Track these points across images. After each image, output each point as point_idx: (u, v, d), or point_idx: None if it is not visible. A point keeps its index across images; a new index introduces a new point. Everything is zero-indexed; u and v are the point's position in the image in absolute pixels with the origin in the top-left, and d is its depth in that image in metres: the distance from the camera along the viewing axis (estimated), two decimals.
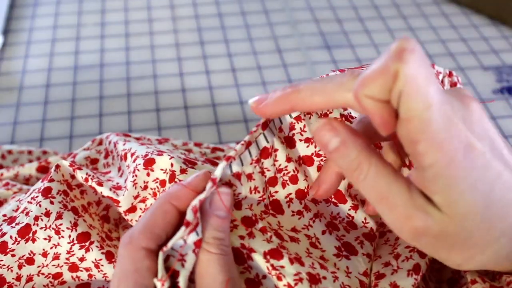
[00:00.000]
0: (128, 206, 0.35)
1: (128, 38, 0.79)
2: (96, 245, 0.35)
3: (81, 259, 0.35)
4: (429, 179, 0.23)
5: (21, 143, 0.62)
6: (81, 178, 0.36)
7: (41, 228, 0.34)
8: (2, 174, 0.49)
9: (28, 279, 0.35)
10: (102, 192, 0.35)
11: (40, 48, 0.77)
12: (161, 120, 0.65)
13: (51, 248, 0.35)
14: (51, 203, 0.35)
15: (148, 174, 0.34)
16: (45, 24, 0.81)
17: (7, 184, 0.45)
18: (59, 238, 0.34)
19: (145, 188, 0.35)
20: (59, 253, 0.35)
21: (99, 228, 0.37)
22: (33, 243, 0.34)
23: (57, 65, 0.74)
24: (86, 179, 0.35)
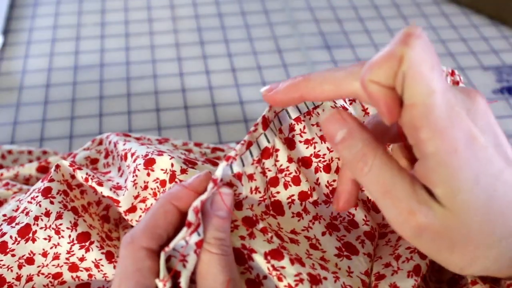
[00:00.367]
0: (128, 206, 0.35)
1: (128, 38, 0.79)
2: (96, 245, 0.35)
3: (81, 259, 0.35)
4: (431, 169, 0.23)
5: (21, 143, 0.62)
6: (81, 178, 0.36)
7: (41, 228, 0.34)
8: (2, 174, 0.48)
9: (28, 279, 0.34)
10: (102, 192, 0.35)
11: (40, 48, 0.77)
12: (161, 120, 0.65)
13: (51, 248, 0.35)
14: (51, 203, 0.35)
15: (149, 174, 0.34)
16: (45, 24, 0.81)
17: (7, 184, 0.45)
18: (59, 238, 0.34)
19: (145, 188, 0.35)
20: (59, 253, 0.35)
21: (99, 228, 0.37)
22: (33, 243, 0.34)
23: (57, 65, 0.74)
24: (86, 179, 0.35)
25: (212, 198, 0.28)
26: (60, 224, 0.34)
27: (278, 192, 0.32)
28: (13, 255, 0.34)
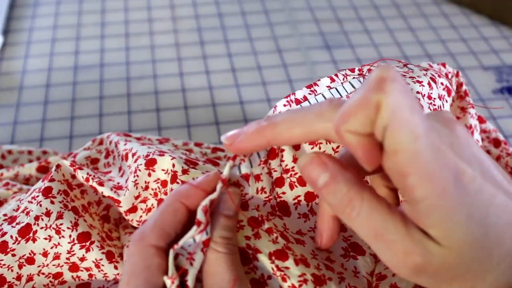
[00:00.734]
0: (129, 206, 0.35)
1: (128, 38, 0.79)
2: (97, 245, 0.35)
3: (82, 259, 0.35)
4: (423, 213, 0.22)
5: (21, 143, 0.62)
6: (82, 178, 0.36)
7: (42, 228, 0.34)
8: (2, 174, 0.48)
9: (29, 279, 0.34)
10: (103, 192, 0.35)
11: (40, 48, 0.77)
12: (161, 120, 0.65)
13: (52, 248, 0.35)
14: (52, 203, 0.35)
15: (150, 175, 0.34)
16: (45, 24, 0.81)
17: (7, 184, 0.45)
18: (60, 238, 0.34)
19: (146, 189, 0.35)
20: (60, 253, 0.35)
21: (100, 228, 0.37)
22: (34, 243, 0.34)
23: (57, 65, 0.74)
24: (87, 179, 0.35)
25: (220, 198, 0.28)
26: (61, 224, 0.34)
27: (284, 193, 0.32)
28: (14, 255, 0.34)
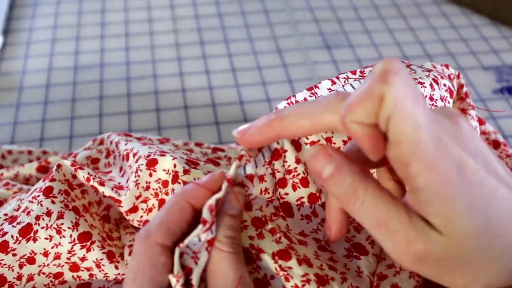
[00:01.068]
0: (130, 206, 0.35)
1: (128, 38, 0.79)
2: (97, 245, 0.35)
3: (82, 259, 0.35)
4: (425, 201, 0.22)
5: (21, 143, 0.62)
6: (83, 178, 0.36)
7: (42, 228, 0.34)
8: (2, 174, 0.48)
9: (29, 279, 0.34)
10: (104, 192, 0.35)
11: (40, 48, 0.77)
12: (161, 120, 0.65)
13: (52, 248, 0.35)
14: (53, 203, 0.35)
15: (151, 175, 0.34)
16: (45, 24, 0.81)
17: (7, 184, 0.45)
18: (60, 238, 0.34)
19: (147, 189, 0.35)
20: (60, 253, 0.35)
21: (100, 228, 0.37)
22: (34, 243, 0.34)
23: (57, 65, 0.74)
24: (88, 179, 0.35)
25: (225, 197, 0.28)
26: (61, 224, 0.34)
27: (287, 194, 0.32)
28: (14, 255, 0.34)
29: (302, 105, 0.27)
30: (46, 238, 0.34)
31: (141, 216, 0.35)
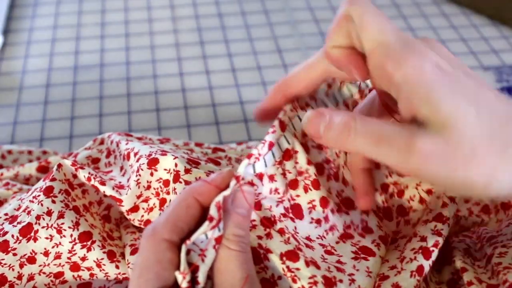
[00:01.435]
0: (131, 206, 0.35)
1: (128, 38, 0.79)
2: (98, 245, 0.35)
3: (83, 259, 0.35)
4: (409, 95, 0.23)
5: (21, 143, 0.62)
6: (84, 178, 0.36)
7: (43, 227, 0.34)
8: (2, 174, 0.48)
9: (30, 278, 0.34)
10: (105, 191, 0.35)
11: (40, 48, 0.77)
12: (161, 120, 0.65)
13: (53, 247, 0.34)
14: (53, 202, 0.35)
15: (152, 174, 0.34)
16: (45, 24, 0.81)
17: (7, 184, 0.45)
18: (61, 237, 0.34)
19: (148, 188, 0.35)
20: (61, 252, 0.35)
21: (101, 228, 0.36)
22: (35, 242, 0.34)
23: (57, 65, 0.74)
24: (89, 178, 0.35)
25: (234, 195, 0.28)
26: (62, 223, 0.34)
27: (298, 196, 0.31)
28: (15, 254, 0.34)
29: (299, 65, 0.30)
30: (47, 238, 0.34)
31: (142, 216, 0.35)
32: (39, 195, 0.35)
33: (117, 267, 0.35)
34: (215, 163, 0.37)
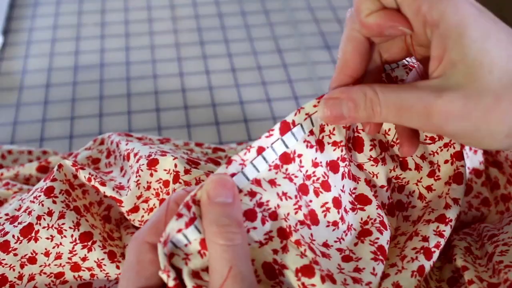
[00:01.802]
0: (131, 206, 0.35)
1: (128, 38, 0.79)
2: (99, 245, 0.35)
3: (84, 259, 0.35)
4: (442, 33, 0.23)
5: (21, 143, 0.62)
6: (84, 178, 0.36)
7: (44, 228, 0.34)
8: (2, 174, 0.48)
9: (30, 278, 0.34)
10: (105, 192, 0.35)
11: (40, 48, 0.77)
12: (161, 120, 0.65)
13: (54, 248, 0.34)
14: (54, 203, 0.35)
15: (152, 175, 0.34)
16: (45, 24, 0.81)
17: (7, 184, 0.45)
18: (62, 238, 0.34)
19: (148, 189, 0.35)
20: (62, 253, 0.35)
21: (101, 228, 0.37)
22: (36, 243, 0.34)
23: (57, 65, 0.74)
24: (89, 179, 0.35)
25: (207, 190, 0.28)
26: (63, 224, 0.34)
27: (311, 201, 0.30)
28: (16, 254, 0.34)
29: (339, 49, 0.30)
30: (47, 238, 0.34)
31: (142, 216, 0.35)
32: (40, 196, 0.35)
33: (118, 267, 0.35)
34: (215, 163, 0.37)
